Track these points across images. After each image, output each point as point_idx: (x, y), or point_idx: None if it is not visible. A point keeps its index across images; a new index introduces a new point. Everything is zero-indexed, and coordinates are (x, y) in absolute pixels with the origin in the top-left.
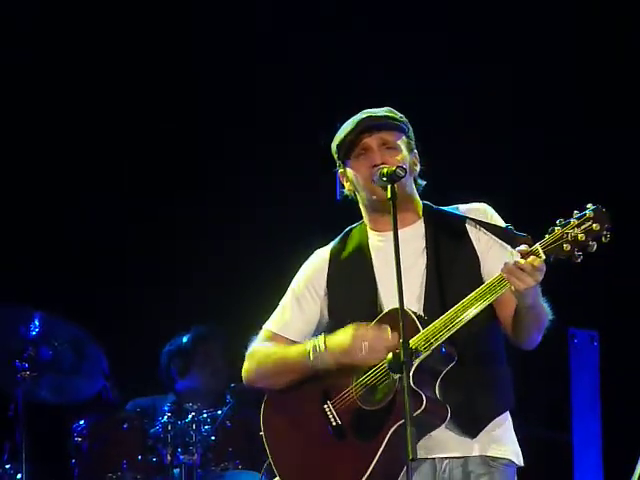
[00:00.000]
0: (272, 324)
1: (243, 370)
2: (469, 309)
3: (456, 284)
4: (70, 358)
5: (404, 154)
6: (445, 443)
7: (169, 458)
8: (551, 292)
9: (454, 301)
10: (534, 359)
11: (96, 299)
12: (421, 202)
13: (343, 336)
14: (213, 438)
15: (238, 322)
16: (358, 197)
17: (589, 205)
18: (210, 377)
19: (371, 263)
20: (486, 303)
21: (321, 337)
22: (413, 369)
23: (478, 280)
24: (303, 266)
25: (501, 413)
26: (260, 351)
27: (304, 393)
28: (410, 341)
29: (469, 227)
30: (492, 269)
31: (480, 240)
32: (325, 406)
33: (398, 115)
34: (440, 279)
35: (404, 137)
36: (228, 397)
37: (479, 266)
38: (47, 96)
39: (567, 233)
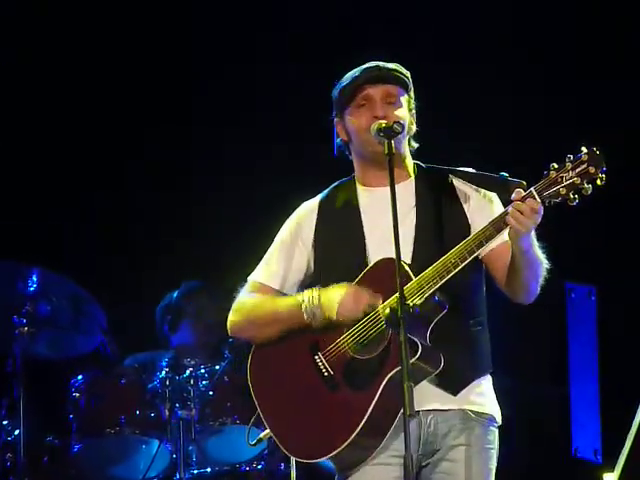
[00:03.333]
0: (258, 275)
1: (229, 321)
2: (463, 256)
3: (444, 241)
4: (68, 314)
5: (404, 111)
6: (429, 396)
7: (167, 413)
8: (548, 246)
9: (440, 258)
10: (531, 314)
11: (95, 256)
12: (412, 161)
13: (335, 292)
14: (211, 393)
15: (234, 279)
16: (352, 149)
17: (583, 148)
18: (201, 332)
19: (360, 217)
20: (481, 249)
21: (315, 290)
22: None
23: (465, 237)
24: (290, 217)
25: (481, 376)
26: (248, 301)
27: (293, 345)
28: (408, 285)
29: (457, 185)
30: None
31: (469, 198)
32: (316, 357)
33: (405, 71)
34: (429, 236)
35: (406, 95)
36: (226, 352)
37: (468, 225)
38: None
39: (562, 177)
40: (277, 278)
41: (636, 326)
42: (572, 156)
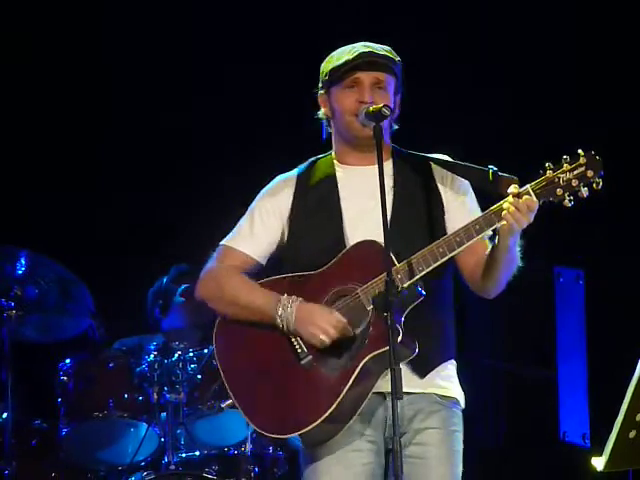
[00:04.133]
0: (231, 240)
1: (199, 285)
2: (452, 246)
3: (419, 224)
4: (56, 297)
5: (391, 96)
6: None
7: (155, 397)
8: (536, 231)
9: (415, 240)
10: (520, 298)
11: (85, 239)
12: (391, 144)
13: (313, 311)
14: (199, 377)
15: None
16: (333, 126)
17: (580, 151)
18: (191, 314)
19: (337, 194)
20: (471, 241)
21: (295, 299)
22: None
23: (440, 222)
24: (266, 187)
25: (447, 360)
26: (226, 276)
27: None
28: (394, 269)
29: (435, 171)
30: (455, 217)
31: (446, 185)
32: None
33: (396, 57)
34: (404, 219)
35: (394, 79)
36: None
37: (443, 210)
38: None
39: (559, 177)
40: (251, 245)
41: (624, 310)
42: (569, 157)
